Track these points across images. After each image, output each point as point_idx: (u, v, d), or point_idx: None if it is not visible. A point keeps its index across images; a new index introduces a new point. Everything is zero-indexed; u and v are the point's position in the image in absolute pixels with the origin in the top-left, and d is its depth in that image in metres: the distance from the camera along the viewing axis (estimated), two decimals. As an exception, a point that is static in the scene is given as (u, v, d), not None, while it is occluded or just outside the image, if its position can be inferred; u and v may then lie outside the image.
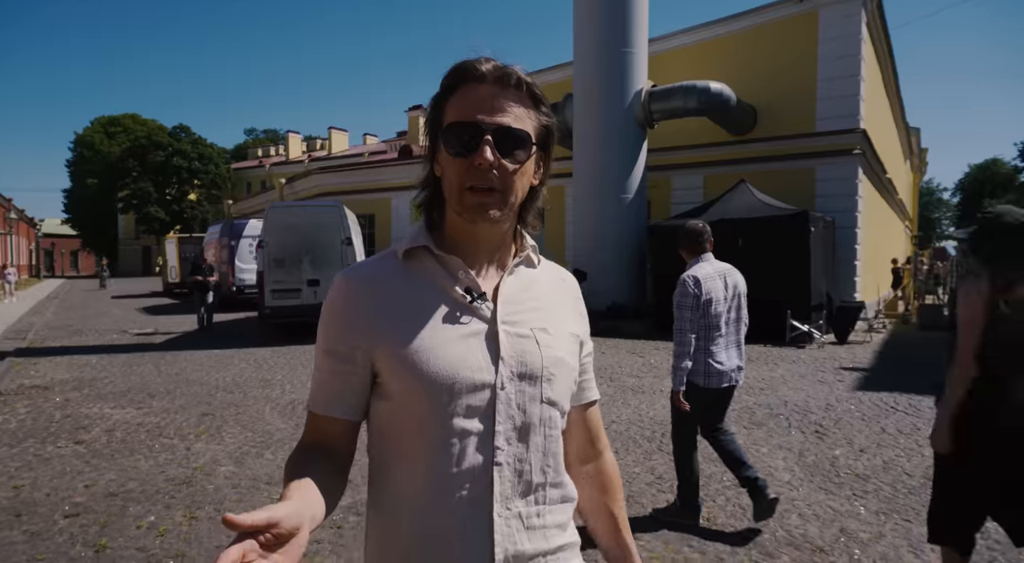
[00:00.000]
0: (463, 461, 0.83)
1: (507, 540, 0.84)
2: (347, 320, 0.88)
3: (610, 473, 1.05)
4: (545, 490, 0.89)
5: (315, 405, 0.91)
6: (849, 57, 12.29)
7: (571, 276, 1.04)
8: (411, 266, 0.90)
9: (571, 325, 0.97)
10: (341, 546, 3.11)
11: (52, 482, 4.05)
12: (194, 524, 3.42)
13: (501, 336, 0.87)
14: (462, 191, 0.84)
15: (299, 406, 6.08)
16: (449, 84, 0.87)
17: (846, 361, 8.48)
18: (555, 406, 0.90)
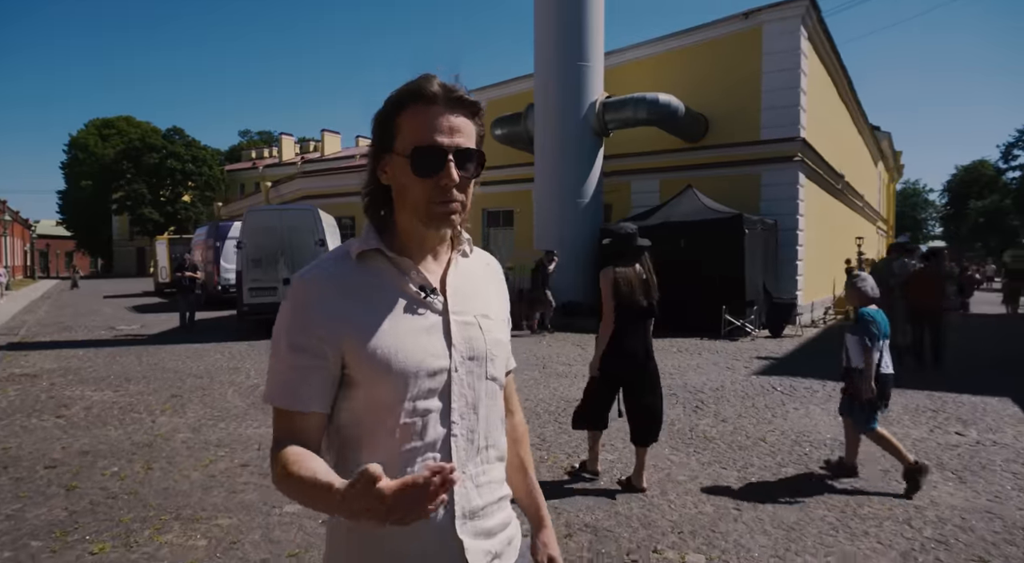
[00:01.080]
0: (425, 436, 0.95)
1: (463, 499, 0.97)
2: (313, 316, 0.93)
3: (520, 428, 1.22)
4: (488, 451, 1.03)
5: (284, 401, 0.94)
6: (790, 70, 13.15)
7: (494, 260, 1.18)
8: (366, 266, 0.98)
9: (502, 307, 1.12)
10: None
11: (35, 445, 4.85)
12: (149, 473, 4.22)
13: (452, 325, 0.98)
14: (429, 206, 0.95)
15: (257, 389, 6.87)
16: (399, 101, 0.96)
17: (764, 352, 9.31)
18: (496, 381, 1.04)
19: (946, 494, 3.78)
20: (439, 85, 0.94)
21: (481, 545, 0.99)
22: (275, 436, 0.95)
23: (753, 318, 10.89)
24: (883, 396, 3.94)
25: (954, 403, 6.07)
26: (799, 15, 12.95)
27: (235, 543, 3.18)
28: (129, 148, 48.21)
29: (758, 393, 6.51)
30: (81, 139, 54.29)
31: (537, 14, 13.05)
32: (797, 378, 7.28)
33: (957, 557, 3.01)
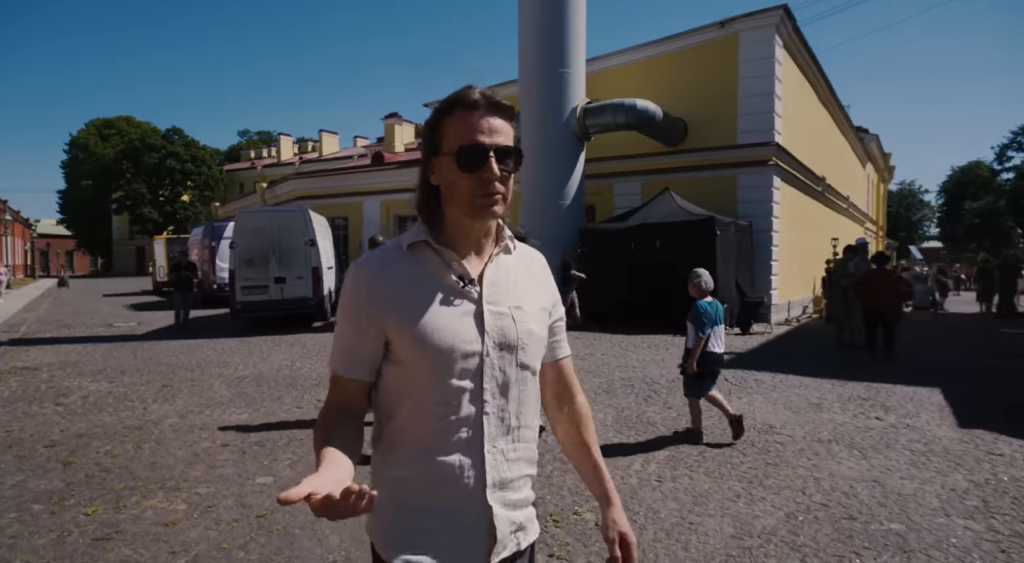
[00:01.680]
0: (459, 411, 1.05)
1: (494, 470, 1.07)
2: (363, 300, 1.07)
3: (582, 411, 1.29)
4: (519, 431, 1.12)
5: (338, 367, 1.11)
6: (764, 77, 13.60)
7: (540, 256, 1.28)
8: (414, 256, 1.10)
9: (540, 300, 1.19)
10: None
11: (36, 429, 5.32)
12: (139, 451, 4.69)
13: (486, 314, 1.08)
14: (474, 198, 1.05)
15: (244, 380, 7.35)
16: (446, 109, 1.08)
17: (731, 348, 9.76)
18: (527, 368, 1.13)
19: (846, 468, 4.25)
20: (479, 93, 1.06)
21: (507, 514, 1.10)
22: (328, 393, 1.14)
23: (723, 316, 11.34)
24: (712, 371, 4.85)
25: (887, 393, 6.54)
26: (773, 24, 13.41)
27: (211, 507, 3.65)
28: (129, 148, 48.65)
29: (709, 384, 6.98)
30: (81, 139, 54.78)
31: (521, 23, 13.50)
32: (750, 371, 7.75)
33: (832, 515, 3.48)
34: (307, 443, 4.89)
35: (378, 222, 20.39)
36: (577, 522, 3.47)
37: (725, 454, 4.60)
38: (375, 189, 20.38)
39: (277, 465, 4.38)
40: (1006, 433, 5.03)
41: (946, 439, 4.90)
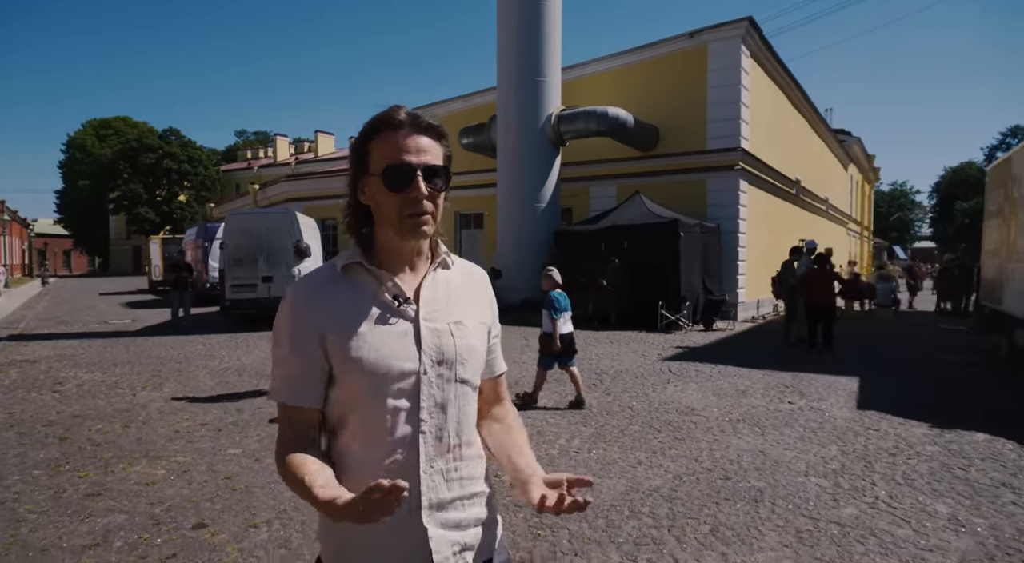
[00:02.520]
0: (395, 431, 1.06)
1: (431, 491, 1.08)
2: (302, 323, 1.08)
3: (513, 422, 1.28)
4: (460, 449, 1.12)
5: (285, 398, 1.09)
6: (731, 86, 14.24)
7: (480, 270, 1.27)
8: (349, 278, 1.11)
9: (480, 315, 1.20)
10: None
11: (35, 411, 5.94)
12: (126, 429, 5.31)
13: (423, 332, 1.09)
14: (401, 218, 1.07)
15: (227, 371, 7.97)
16: (371, 129, 1.09)
17: (687, 343, 10.41)
18: (467, 383, 1.14)
19: (743, 442, 4.88)
20: (405, 113, 1.08)
21: (447, 535, 1.08)
22: (279, 428, 1.10)
23: (686, 313, 11.99)
24: (569, 349, 5.94)
25: (809, 382, 7.18)
26: (739, 35, 14.05)
27: (186, 472, 4.27)
28: (126, 148, 49.08)
29: (652, 374, 7.62)
30: (78, 139, 55.25)
31: (499, 32, 14.14)
32: (697, 363, 8.39)
33: (711, 477, 4.11)
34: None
35: (366, 223, 20.99)
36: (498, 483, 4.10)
37: (643, 431, 5.23)
38: (364, 191, 20.94)
39: (247, 440, 5.01)
40: (894, 413, 5.67)
41: (839, 418, 5.54)
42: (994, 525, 3.37)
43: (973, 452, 4.59)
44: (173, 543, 3.19)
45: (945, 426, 5.25)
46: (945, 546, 3.12)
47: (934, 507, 3.60)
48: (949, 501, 3.69)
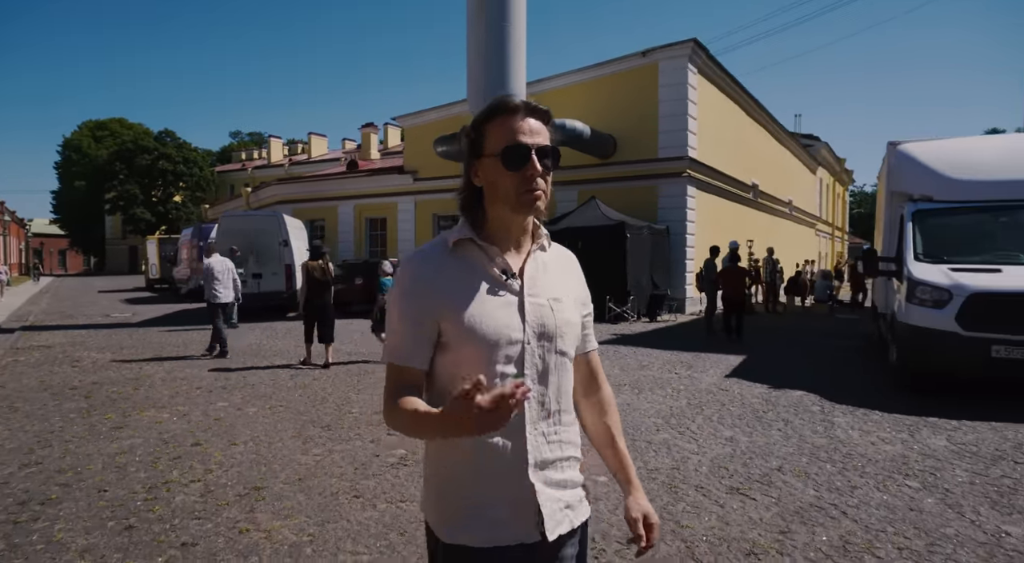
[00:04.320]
0: None
1: (535, 450, 1.17)
2: (418, 293, 1.17)
3: (607, 400, 1.39)
4: (560, 415, 1.22)
5: (396, 358, 1.19)
6: (679, 100, 15.67)
7: (573, 256, 1.38)
8: (460, 253, 1.20)
9: (575, 292, 1.31)
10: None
11: (61, 379, 7.31)
12: (136, 391, 6.68)
13: (527, 305, 1.18)
14: (519, 194, 1.15)
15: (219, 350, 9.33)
16: (488, 115, 1.19)
17: (626, 331, 11.82)
18: (565, 355, 1.23)
19: (620, 399, 6.26)
20: (519, 100, 1.19)
21: (552, 493, 1.18)
22: (387, 385, 1.19)
23: (629, 307, 13.41)
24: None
25: (703, 359, 8.60)
26: (686, 55, 15.47)
27: (185, 415, 5.65)
28: (122, 149, 50.04)
29: (578, 354, 9.02)
30: (75, 140, 56.25)
31: (468, 52, 15.50)
32: (622, 346, 9.81)
33: (576, 418, 5.50)
34: (257, 385, 6.90)
35: (352, 224, 22.39)
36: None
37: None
38: (349, 194, 22.37)
39: (233, 397, 6.39)
40: (750, 380, 7.10)
41: (704, 383, 6.96)
42: (753, 441, 4.78)
43: (782, 402, 6.01)
44: (176, 452, 4.58)
45: (778, 387, 6.68)
46: (709, 452, 4.53)
47: (722, 432, 5.02)
48: (735, 430, 5.10)
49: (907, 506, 3.52)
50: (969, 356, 5.56)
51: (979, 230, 6.32)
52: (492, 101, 1.19)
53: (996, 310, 5.44)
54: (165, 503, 3.63)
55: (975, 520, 3.32)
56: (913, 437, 4.83)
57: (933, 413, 5.50)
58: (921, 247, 6.38)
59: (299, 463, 4.34)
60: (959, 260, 6.04)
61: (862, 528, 3.25)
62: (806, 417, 5.47)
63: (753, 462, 4.31)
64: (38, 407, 5.96)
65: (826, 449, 4.58)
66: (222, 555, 2.99)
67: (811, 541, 3.10)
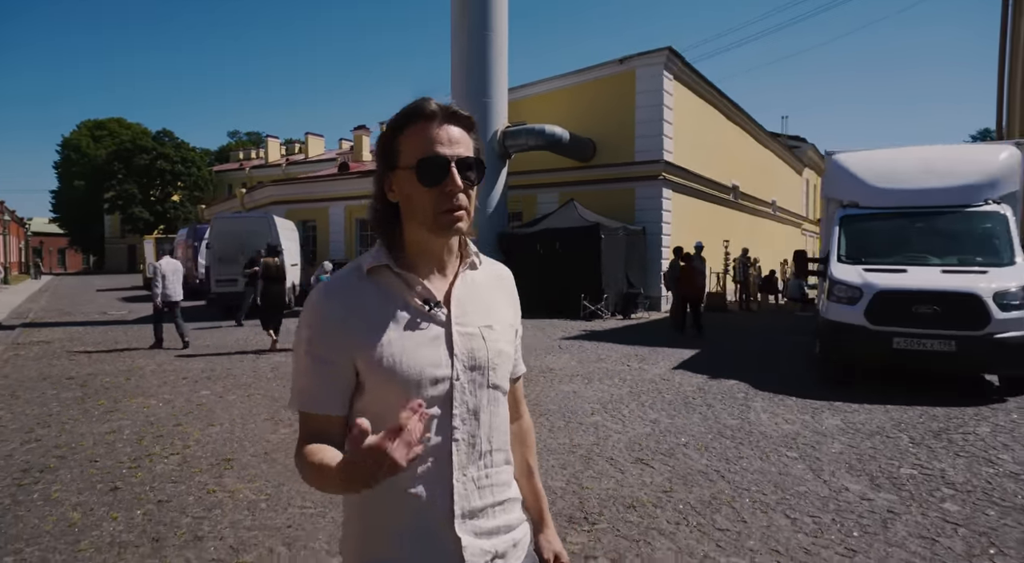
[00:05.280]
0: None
1: (463, 500, 1.05)
2: (327, 330, 1.03)
3: (527, 430, 1.32)
4: (492, 455, 1.10)
5: (305, 405, 1.05)
6: (655, 105, 16.26)
7: (507, 271, 1.26)
8: (376, 281, 1.06)
9: (508, 317, 1.18)
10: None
11: (59, 370, 7.90)
12: (128, 381, 7.28)
13: (455, 336, 1.06)
14: (436, 214, 1.02)
15: (208, 347, 9.93)
16: (401, 122, 1.04)
17: (598, 328, 12.42)
18: (498, 388, 1.11)
19: (567, 387, 6.86)
20: (436, 104, 1.03)
21: (480, 544, 1.07)
22: (299, 437, 1.05)
23: (603, 304, 14.01)
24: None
25: (658, 352, 9.21)
26: (661, 62, 16.07)
27: (170, 401, 6.25)
28: (120, 149, 50.57)
29: (544, 348, 9.62)
30: (73, 140, 56.77)
31: (452, 60, 16.09)
32: (587, 341, 10.40)
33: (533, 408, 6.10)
34: (239, 376, 7.50)
35: (343, 225, 22.98)
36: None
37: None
38: (340, 196, 22.98)
39: (215, 386, 6.99)
40: (695, 371, 7.70)
41: (651, 374, 7.56)
42: (673, 422, 5.38)
43: (713, 390, 6.62)
44: (160, 432, 5.19)
45: (716, 377, 7.28)
46: (631, 432, 5.13)
47: (649, 415, 5.62)
48: (661, 413, 5.71)
49: (778, 471, 4.12)
50: (875, 347, 6.16)
51: (895, 234, 6.90)
52: (408, 104, 1.06)
53: (898, 306, 6.04)
54: (147, 471, 4.23)
55: (827, 481, 3.92)
56: (813, 418, 5.44)
57: (842, 399, 6.11)
58: (844, 249, 6.98)
59: (267, 440, 4.94)
60: (874, 261, 6.63)
61: (731, 487, 3.85)
62: (728, 402, 6.07)
63: (665, 439, 4.91)
64: (37, 395, 6.56)
65: (733, 429, 5.18)
66: (191, 509, 3.59)
67: (685, 497, 3.70)
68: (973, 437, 4.80)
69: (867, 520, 3.35)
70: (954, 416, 5.43)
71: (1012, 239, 6.37)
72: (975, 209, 6.67)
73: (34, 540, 3.19)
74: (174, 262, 10.34)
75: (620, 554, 2.99)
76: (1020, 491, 3.74)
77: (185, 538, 3.21)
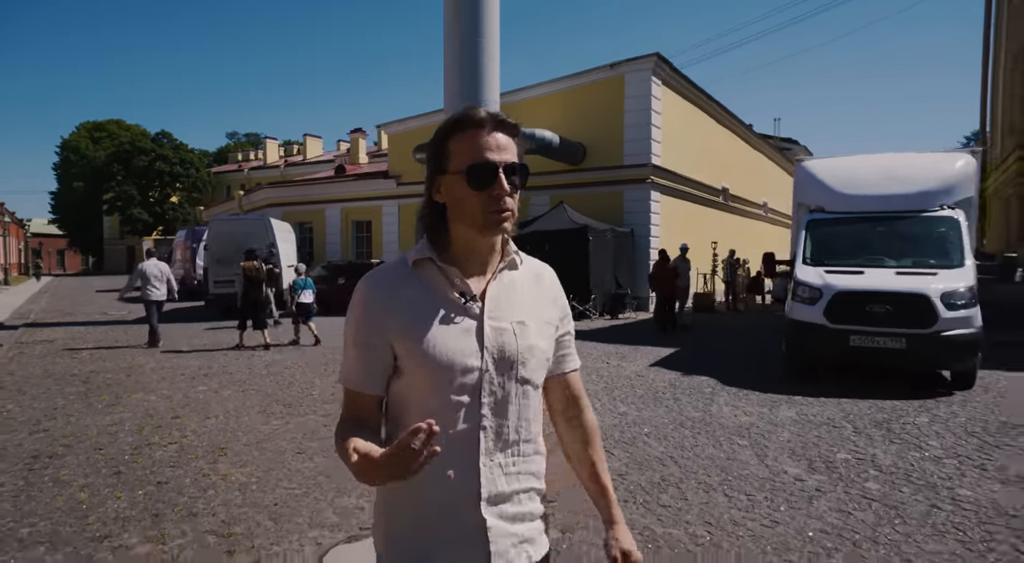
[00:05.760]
0: (456, 425, 1.10)
1: (490, 483, 1.11)
2: (371, 315, 1.13)
3: (589, 426, 1.33)
4: (519, 445, 1.16)
5: (349, 382, 1.17)
6: (644, 110, 16.64)
7: (549, 270, 1.31)
8: (419, 272, 1.15)
9: (546, 314, 1.23)
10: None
11: (62, 368, 8.26)
12: (129, 377, 7.64)
13: (486, 330, 1.12)
14: (485, 215, 1.09)
15: (206, 346, 10.28)
16: (451, 128, 1.12)
17: (581, 328, 12.78)
18: (528, 383, 1.16)
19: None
20: (485, 112, 1.11)
21: (506, 527, 1.12)
22: (342, 411, 1.18)
23: (591, 305, 14.38)
24: (305, 312, 10.30)
25: (638, 351, 9.57)
26: (649, 68, 16.44)
27: (169, 397, 6.61)
28: (119, 151, 50.87)
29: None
30: (73, 141, 57.07)
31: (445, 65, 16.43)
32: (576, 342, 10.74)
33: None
34: (235, 373, 7.86)
35: (339, 226, 23.35)
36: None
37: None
38: (336, 198, 23.35)
39: (211, 382, 7.35)
40: (670, 368, 8.07)
41: (628, 371, 7.93)
42: (640, 414, 5.75)
43: (683, 386, 6.99)
44: (159, 423, 5.55)
45: (688, 374, 7.66)
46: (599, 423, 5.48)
47: (619, 408, 5.99)
48: (630, 406, 6.07)
49: (727, 457, 4.49)
50: (833, 344, 6.53)
51: (856, 237, 7.27)
52: (457, 112, 1.13)
53: (854, 306, 6.41)
54: (147, 457, 4.59)
55: (770, 465, 4.29)
56: (770, 411, 5.81)
57: (801, 393, 6.47)
58: (809, 252, 7.35)
59: (259, 431, 5.30)
60: (835, 263, 7.00)
61: (681, 470, 4.22)
62: (695, 397, 6.44)
63: (630, 429, 5.28)
64: (43, 390, 6.93)
65: (694, 420, 5.55)
66: (187, 490, 3.95)
67: (638, 480, 4.07)
68: (911, 426, 5.18)
69: (795, 497, 3.72)
70: (900, 408, 5.80)
71: (963, 242, 6.74)
72: (931, 214, 7.05)
73: (47, 515, 3.56)
74: (158, 263, 10.76)
75: (569, 526, 3.36)
76: (937, 472, 4.11)
77: (182, 514, 3.58)
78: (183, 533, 3.33)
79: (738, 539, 3.20)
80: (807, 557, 2.99)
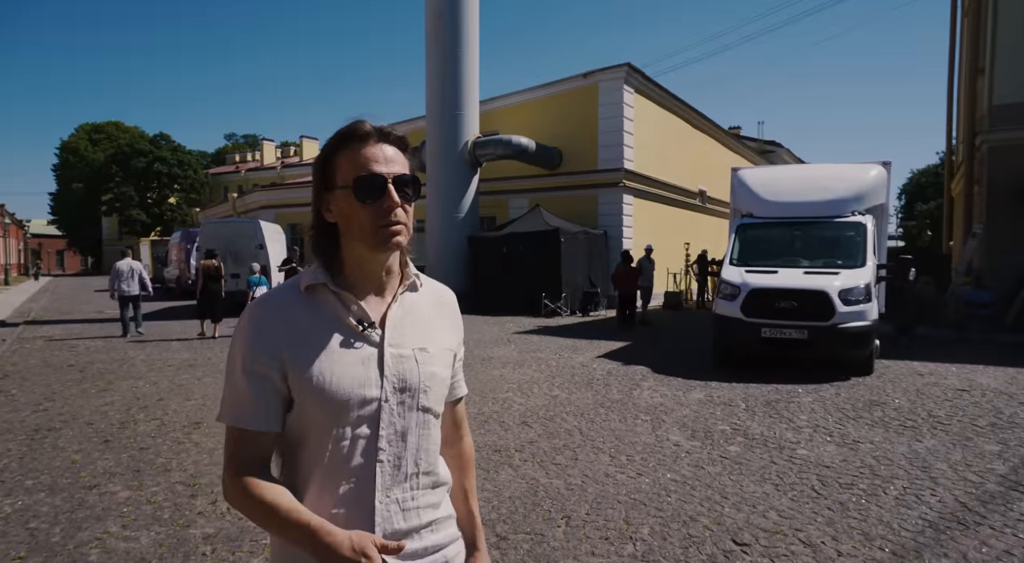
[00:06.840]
0: (352, 459, 1.04)
1: (386, 521, 1.06)
2: (260, 343, 1.03)
3: (467, 453, 1.33)
4: (418, 478, 1.10)
5: (240, 421, 1.03)
6: (616, 117, 17.43)
7: (450, 293, 1.25)
8: (312, 299, 1.07)
9: (446, 340, 1.18)
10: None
11: (60, 359, 9.03)
12: (121, 368, 8.41)
13: (386, 358, 1.07)
14: (375, 229, 1.03)
15: (194, 341, 11.05)
16: (336, 143, 1.06)
17: (551, 324, 13.55)
18: (429, 412, 1.12)
19: (498, 372, 7.96)
20: (370, 125, 1.06)
21: None
22: (230, 453, 1.04)
23: (562, 303, 15.16)
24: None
25: (594, 344, 10.34)
26: (621, 77, 17.25)
27: (156, 383, 7.39)
28: (118, 152, 51.63)
29: (494, 341, 10.76)
30: (72, 143, 57.74)
31: (427, 75, 17.24)
32: (535, 335, 11.54)
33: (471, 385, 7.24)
34: (218, 364, 8.62)
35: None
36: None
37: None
38: (326, 200, 24.06)
39: (196, 372, 8.12)
40: (615, 360, 8.84)
41: (575, 362, 8.69)
42: (569, 398, 6.51)
43: (618, 374, 7.76)
44: (145, 404, 6.33)
45: (628, 364, 8.43)
46: (530, 403, 6.25)
47: (553, 392, 6.76)
48: (563, 391, 6.85)
49: (627, 429, 5.27)
50: (748, 336, 7.31)
51: (777, 240, 8.05)
52: (341, 127, 1.08)
53: (765, 301, 7.19)
54: (132, 430, 5.37)
55: (659, 435, 5.07)
56: (683, 394, 6.59)
57: (718, 379, 7.26)
58: (736, 253, 8.13)
59: (232, 410, 6.07)
60: (756, 264, 7.78)
61: (583, 439, 5.00)
62: (624, 383, 7.22)
63: (555, 409, 6.05)
64: (43, 378, 7.70)
65: (614, 402, 6.32)
66: (164, 454, 4.72)
67: (544, 446, 4.84)
68: (794, 406, 5.96)
69: (665, 457, 4.50)
70: (793, 391, 6.59)
71: (867, 244, 7.52)
72: (842, 219, 7.83)
73: (47, 471, 4.33)
74: (131, 261, 11.92)
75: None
76: (792, 439, 4.89)
77: (158, 470, 4.36)
78: (157, 483, 4.10)
79: (604, 486, 3.97)
80: (651, 497, 3.77)
